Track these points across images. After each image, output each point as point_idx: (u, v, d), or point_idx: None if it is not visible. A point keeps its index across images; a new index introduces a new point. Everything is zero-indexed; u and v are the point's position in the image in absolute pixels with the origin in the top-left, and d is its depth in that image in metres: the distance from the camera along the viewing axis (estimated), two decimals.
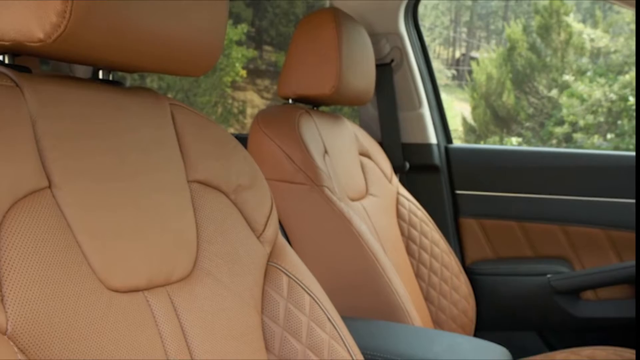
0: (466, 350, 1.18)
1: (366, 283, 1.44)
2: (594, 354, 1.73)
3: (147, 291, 0.79)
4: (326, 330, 0.98)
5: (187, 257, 0.85)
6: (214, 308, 0.85)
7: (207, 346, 0.82)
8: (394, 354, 1.12)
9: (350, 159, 1.72)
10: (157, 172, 0.85)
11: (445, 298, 1.84)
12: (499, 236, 2.16)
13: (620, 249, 2.04)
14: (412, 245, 1.83)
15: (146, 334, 0.76)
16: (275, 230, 1.01)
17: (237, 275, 0.91)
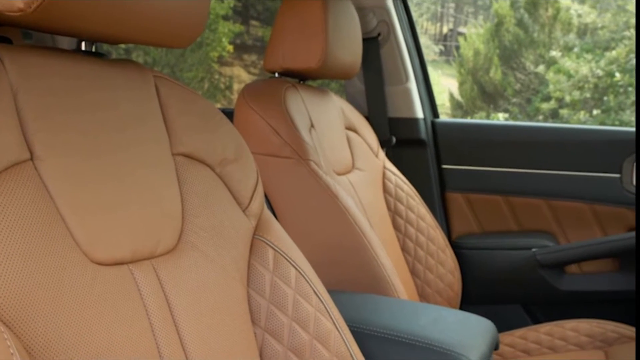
0: (451, 322, 1.19)
1: (352, 257, 1.44)
2: (577, 326, 1.75)
3: (132, 264, 0.79)
4: (312, 303, 0.98)
5: (172, 230, 0.85)
6: (199, 281, 0.85)
7: (192, 318, 0.82)
8: (379, 326, 1.13)
9: (336, 133, 1.72)
10: (141, 146, 0.84)
11: (431, 272, 1.85)
12: (484, 210, 2.17)
13: (604, 223, 2.05)
14: (399, 219, 1.83)
15: (131, 307, 0.76)
16: (260, 203, 1.01)
17: (223, 249, 0.91)
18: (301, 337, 0.95)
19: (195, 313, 0.83)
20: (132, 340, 0.73)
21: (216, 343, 0.84)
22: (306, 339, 0.95)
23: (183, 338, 0.80)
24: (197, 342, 0.81)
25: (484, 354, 1.11)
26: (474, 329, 1.18)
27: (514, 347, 1.76)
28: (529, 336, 1.77)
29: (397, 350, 1.10)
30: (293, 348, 0.94)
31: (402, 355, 1.09)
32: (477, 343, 1.12)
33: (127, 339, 0.73)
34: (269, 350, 0.93)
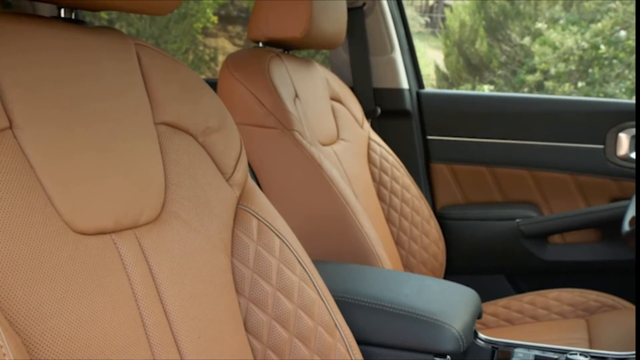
0: (435, 292, 1.19)
1: (337, 227, 1.44)
2: (560, 295, 1.77)
3: (114, 234, 0.78)
4: (296, 273, 0.98)
5: (154, 200, 0.84)
6: (182, 251, 0.85)
7: (175, 288, 0.82)
8: (363, 296, 1.13)
9: (321, 103, 1.71)
10: (122, 116, 0.83)
11: (415, 242, 1.86)
12: (469, 181, 2.18)
13: (587, 194, 2.06)
14: (383, 190, 1.84)
15: (114, 276, 0.75)
16: (244, 173, 1.00)
17: (206, 218, 0.90)
18: (285, 306, 0.95)
19: (178, 282, 0.83)
20: (115, 310, 0.73)
21: (200, 312, 0.84)
22: (290, 308, 0.96)
23: (166, 307, 0.80)
24: (181, 312, 0.81)
25: (467, 323, 1.12)
26: (457, 298, 1.19)
27: (497, 317, 1.77)
28: (512, 305, 1.79)
29: (381, 319, 1.10)
30: (277, 317, 0.94)
31: (386, 324, 1.10)
32: (460, 312, 1.13)
33: (110, 308, 0.73)
34: (253, 319, 0.93)
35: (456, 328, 1.07)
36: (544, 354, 1.20)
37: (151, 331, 0.77)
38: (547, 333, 1.62)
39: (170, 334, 0.80)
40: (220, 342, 0.85)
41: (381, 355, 1.10)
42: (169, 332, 0.79)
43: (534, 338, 1.31)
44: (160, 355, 0.77)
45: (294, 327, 0.95)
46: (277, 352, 0.94)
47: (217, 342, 0.85)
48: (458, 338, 1.07)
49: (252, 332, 0.93)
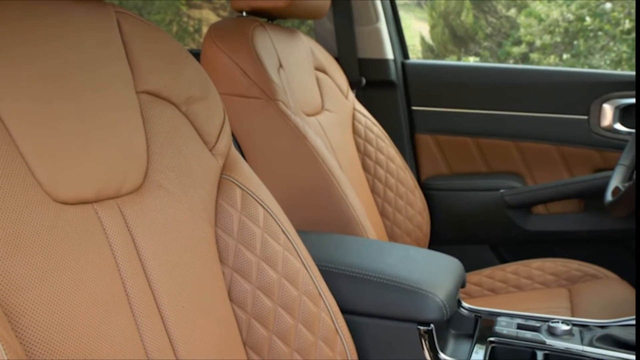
0: (419, 261, 1.20)
1: (321, 197, 1.44)
2: (543, 265, 1.78)
3: (96, 204, 0.77)
4: (280, 242, 0.98)
5: (137, 169, 0.83)
6: (166, 220, 0.84)
7: (159, 258, 0.81)
8: (347, 265, 1.13)
9: (305, 73, 1.70)
10: (103, 85, 0.82)
11: (400, 213, 1.86)
12: (453, 152, 2.18)
13: (571, 165, 2.07)
14: (368, 160, 1.83)
15: (96, 246, 0.75)
16: (228, 143, 1.00)
17: (190, 188, 0.90)
18: (269, 275, 0.95)
19: (161, 252, 0.82)
20: (97, 279, 0.73)
21: (183, 281, 0.83)
22: (274, 277, 0.96)
23: (149, 277, 0.80)
24: (164, 281, 0.81)
25: (451, 292, 1.12)
26: (441, 268, 1.19)
27: (481, 286, 1.79)
28: (495, 275, 1.80)
29: (365, 288, 1.11)
30: (261, 287, 0.94)
31: (370, 294, 1.10)
32: (444, 281, 1.13)
33: (93, 278, 0.72)
34: (238, 289, 0.93)
35: (440, 297, 1.08)
36: (527, 322, 1.21)
37: (134, 301, 0.77)
38: (530, 302, 1.64)
39: (154, 304, 0.79)
40: (204, 311, 0.85)
41: (365, 324, 1.11)
42: (153, 301, 0.79)
43: (517, 307, 1.32)
44: (144, 325, 0.77)
45: (278, 297, 0.96)
46: (262, 321, 0.94)
47: (201, 311, 0.85)
48: (442, 307, 1.07)
49: (236, 301, 0.93)
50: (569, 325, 1.16)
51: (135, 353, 0.74)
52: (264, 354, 0.94)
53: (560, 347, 1.12)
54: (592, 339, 1.13)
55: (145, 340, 0.77)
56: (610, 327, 1.20)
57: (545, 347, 1.13)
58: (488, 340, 1.16)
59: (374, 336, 1.11)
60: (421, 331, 1.08)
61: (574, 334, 1.16)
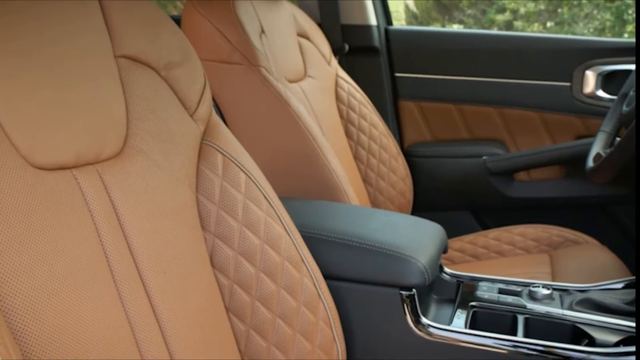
0: (401, 226, 1.20)
1: (304, 164, 1.44)
2: (524, 231, 1.80)
3: (75, 169, 0.76)
4: (262, 208, 0.98)
5: (116, 134, 0.82)
6: (146, 186, 0.84)
7: (139, 223, 0.81)
8: (330, 231, 1.13)
9: (288, 40, 1.68)
10: (81, 51, 0.81)
11: (383, 180, 1.86)
12: (436, 118, 2.18)
13: (553, 131, 2.08)
14: (351, 127, 1.83)
15: (76, 212, 0.74)
16: (208, 108, 0.99)
17: (170, 154, 0.89)
18: (252, 241, 0.95)
19: (142, 218, 0.82)
20: (77, 245, 0.72)
21: (165, 248, 0.83)
22: (257, 243, 0.95)
23: (130, 243, 0.80)
24: (145, 247, 0.81)
25: (433, 257, 1.13)
26: (423, 233, 1.20)
27: (463, 252, 1.80)
28: (477, 241, 1.82)
29: (347, 254, 1.11)
30: (244, 252, 0.94)
31: (353, 259, 1.11)
32: (426, 246, 1.14)
33: (73, 244, 0.72)
34: (220, 254, 0.93)
35: (422, 262, 1.08)
36: (508, 287, 1.22)
37: (115, 267, 0.77)
38: (511, 267, 1.65)
39: (135, 270, 0.79)
40: (186, 277, 0.85)
41: (348, 290, 1.11)
42: (134, 267, 0.79)
43: (498, 272, 1.33)
44: (125, 291, 0.77)
45: (260, 262, 0.96)
46: (244, 287, 0.94)
47: (182, 277, 0.85)
48: (423, 271, 1.08)
49: (218, 267, 0.93)
50: (549, 290, 1.17)
51: (116, 318, 0.74)
52: (246, 319, 0.94)
53: (541, 311, 1.13)
54: (572, 303, 1.15)
55: (126, 306, 0.76)
56: (590, 291, 1.21)
57: (525, 311, 1.14)
58: (469, 304, 1.17)
59: (357, 301, 1.12)
60: (403, 296, 1.09)
61: (554, 298, 1.17)
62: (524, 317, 1.13)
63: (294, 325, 0.98)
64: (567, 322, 1.11)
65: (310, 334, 1.00)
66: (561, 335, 1.10)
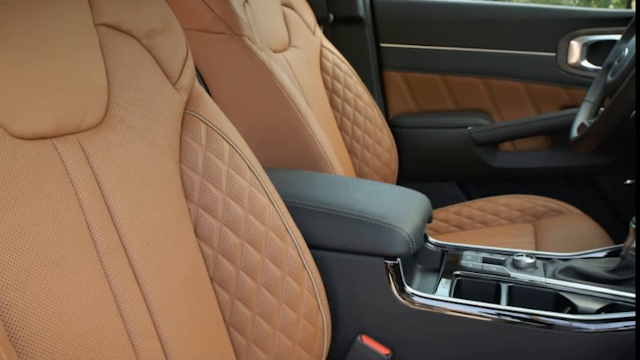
0: (386, 196, 1.20)
1: (288, 134, 1.43)
2: (509, 201, 1.80)
3: (55, 139, 0.75)
4: (246, 178, 0.97)
5: (97, 104, 0.81)
6: (128, 156, 0.83)
7: (122, 194, 0.80)
8: (314, 201, 1.13)
9: (272, 9, 1.66)
10: (61, 20, 0.79)
11: (368, 150, 1.86)
12: (422, 89, 2.17)
13: (538, 102, 2.08)
14: (336, 98, 1.82)
15: (57, 182, 0.73)
16: (191, 78, 0.98)
17: (153, 123, 0.88)
18: (236, 211, 0.95)
19: (125, 188, 0.81)
20: (59, 216, 0.71)
21: (148, 217, 0.82)
22: (241, 213, 0.95)
23: (113, 214, 0.79)
24: (128, 218, 0.80)
25: (418, 226, 1.13)
26: (407, 202, 1.20)
27: (448, 222, 1.81)
28: (462, 212, 1.82)
29: (332, 223, 1.11)
30: (228, 223, 0.94)
31: (337, 229, 1.11)
32: (410, 215, 1.14)
33: (54, 214, 0.71)
34: (204, 225, 0.92)
35: (406, 231, 1.09)
36: (492, 256, 1.23)
37: (98, 237, 0.76)
38: (495, 237, 1.66)
39: (118, 240, 0.79)
40: (170, 247, 0.85)
41: (332, 259, 1.12)
42: (117, 237, 0.78)
43: (483, 242, 1.34)
44: (108, 261, 0.76)
45: (244, 232, 0.95)
46: (229, 257, 0.94)
47: (166, 247, 0.84)
48: (408, 241, 1.08)
49: (202, 237, 0.92)
50: (532, 259, 1.18)
51: (100, 289, 0.73)
52: (231, 289, 0.94)
53: (524, 280, 1.14)
54: (555, 271, 1.16)
55: (110, 276, 0.76)
56: (572, 260, 1.22)
57: (509, 279, 1.15)
58: (454, 273, 1.18)
59: (341, 271, 1.12)
60: (388, 265, 1.09)
61: (537, 267, 1.18)
62: (507, 286, 1.14)
63: (279, 295, 0.98)
64: (550, 290, 1.12)
65: (295, 303, 1.00)
66: (544, 303, 1.11)
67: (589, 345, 1.02)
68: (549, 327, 1.03)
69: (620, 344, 1.00)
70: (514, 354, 1.07)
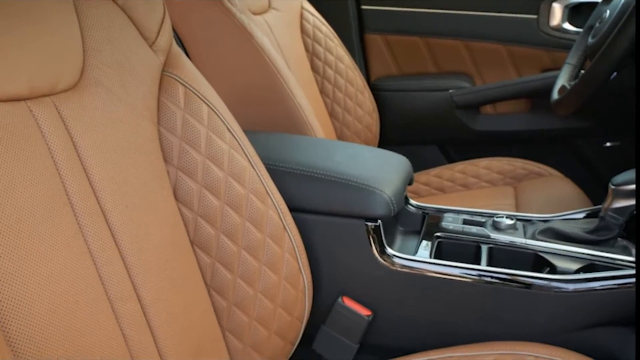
0: (366, 159, 1.20)
1: (269, 97, 1.42)
2: (490, 164, 1.81)
3: (29, 101, 0.74)
4: (226, 141, 0.96)
5: (72, 65, 0.80)
6: (106, 119, 0.82)
7: (99, 157, 0.79)
8: (295, 163, 1.12)
9: None
10: None
11: (349, 114, 1.85)
12: (403, 52, 2.16)
13: (519, 64, 2.08)
14: (317, 61, 1.80)
15: (32, 145, 0.72)
16: (169, 38, 0.96)
17: (130, 86, 0.86)
18: (215, 174, 0.94)
19: (102, 151, 0.80)
20: (35, 179, 0.70)
21: (126, 181, 0.82)
22: (220, 176, 0.94)
23: (91, 176, 0.78)
24: (106, 181, 0.79)
25: (398, 188, 1.13)
26: (388, 165, 1.20)
27: (429, 185, 1.81)
28: (443, 174, 1.83)
29: (312, 186, 1.10)
30: (207, 185, 0.93)
31: (318, 191, 1.10)
32: (391, 177, 1.14)
33: (30, 177, 0.70)
34: (183, 188, 0.92)
35: (387, 193, 1.09)
36: (472, 218, 1.23)
37: (75, 201, 0.75)
38: (476, 200, 1.67)
39: (97, 204, 0.78)
40: (149, 210, 0.84)
41: (313, 222, 1.11)
42: (95, 201, 0.78)
43: (463, 204, 1.34)
44: (87, 224, 0.75)
45: (224, 195, 0.95)
46: (209, 220, 0.93)
47: (146, 210, 0.83)
48: (389, 203, 1.08)
49: (182, 200, 0.92)
50: (512, 220, 1.19)
51: (78, 252, 0.73)
52: (211, 252, 0.94)
53: (504, 241, 1.15)
54: (535, 232, 1.16)
55: (88, 240, 0.75)
56: (552, 221, 1.23)
57: (489, 240, 1.15)
58: (434, 235, 1.19)
59: (322, 233, 1.12)
60: (369, 227, 1.10)
61: (517, 228, 1.18)
62: (487, 247, 1.15)
63: (260, 257, 0.98)
64: (529, 251, 1.13)
65: (276, 265, 1.00)
66: (524, 263, 1.12)
67: (568, 304, 1.03)
68: (528, 287, 1.04)
69: (598, 302, 1.02)
70: (494, 314, 1.08)
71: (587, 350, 1.01)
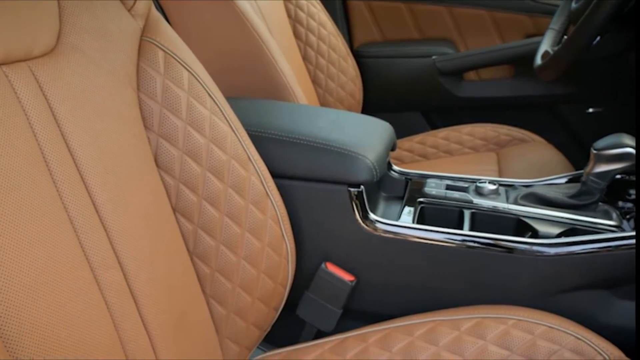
0: (349, 124, 1.19)
1: (250, 63, 1.40)
2: (473, 130, 1.81)
3: (5, 66, 0.73)
4: (207, 106, 0.95)
5: (48, 30, 0.78)
6: (84, 84, 0.80)
7: (78, 123, 0.78)
8: (277, 129, 1.12)
9: None
10: None
11: (332, 80, 1.84)
12: (386, 18, 2.15)
13: (503, 31, 2.07)
14: (299, 27, 1.78)
15: (8, 110, 0.71)
16: (147, 3, 0.94)
17: (108, 51, 0.85)
18: (196, 140, 0.93)
19: (81, 117, 0.79)
20: (11, 146, 0.69)
21: (106, 147, 0.81)
22: (202, 142, 0.94)
23: (69, 143, 0.77)
24: (85, 147, 0.78)
25: (381, 154, 1.13)
26: (371, 130, 1.19)
27: (412, 152, 1.81)
28: (427, 141, 1.83)
29: (295, 152, 1.10)
30: (189, 151, 0.92)
31: (300, 157, 1.10)
32: (373, 143, 1.14)
33: (6, 144, 0.69)
34: (164, 154, 0.91)
35: (369, 159, 1.08)
36: (455, 183, 1.24)
37: (53, 167, 0.74)
38: (459, 166, 1.67)
39: (76, 170, 0.77)
40: (129, 176, 0.83)
41: (296, 188, 1.11)
42: (74, 167, 0.77)
43: (447, 170, 1.34)
44: (66, 191, 0.74)
45: (206, 161, 0.94)
46: (190, 186, 0.93)
47: (126, 177, 0.83)
48: (371, 168, 1.08)
49: (163, 167, 0.91)
50: (495, 185, 1.19)
51: (58, 219, 0.72)
52: (194, 219, 0.93)
53: (487, 206, 1.16)
54: (517, 197, 1.17)
55: (68, 207, 0.74)
56: (534, 186, 1.24)
57: (472, 205, 1.16)
58: (417, 201, 1.19)
59: (305, 199, 1.12)
60: (351, 193, 1.10)
61: (499, 193, 1.19)
62: (470, 212, 1.15)
63: (242, 224, 0.98)
64: (511, 216, 1.13)
65: (259, 232, 1.00)
66: (506, 228, 1.12)
67: (549, 268, 1.04)
68: (510, 251, 1.05)
69: (579, 266, 1.03)
70: (476, 278, 1.09)
71: (568, 313, 1.02)
